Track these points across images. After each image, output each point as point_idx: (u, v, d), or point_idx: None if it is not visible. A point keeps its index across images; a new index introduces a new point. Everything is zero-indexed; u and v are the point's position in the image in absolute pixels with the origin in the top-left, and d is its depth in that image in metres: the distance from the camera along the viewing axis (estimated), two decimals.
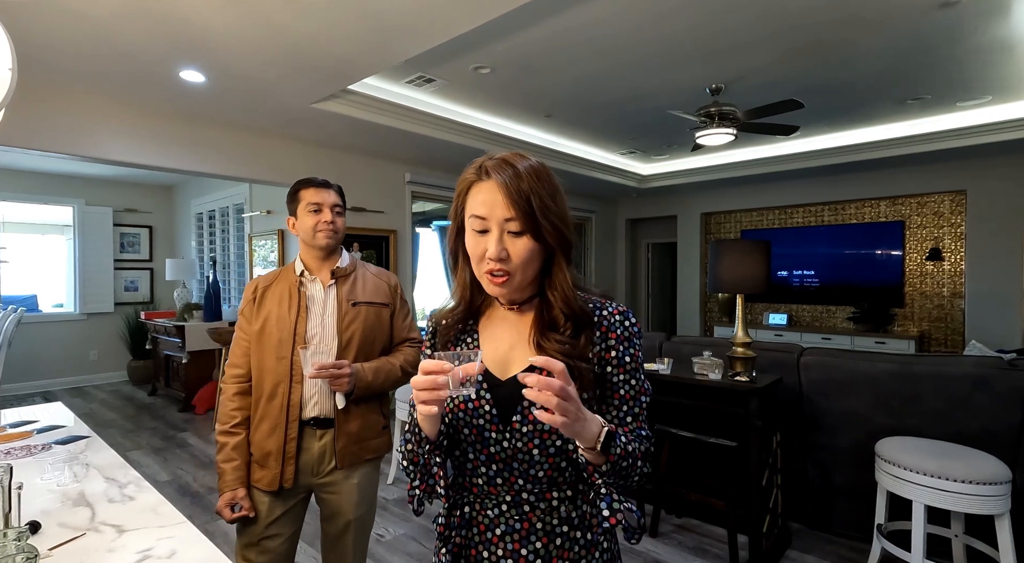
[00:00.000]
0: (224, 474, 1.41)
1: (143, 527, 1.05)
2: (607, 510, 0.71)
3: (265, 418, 1.44)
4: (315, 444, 1.44)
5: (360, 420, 1.48)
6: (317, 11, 2.35)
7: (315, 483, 1.47)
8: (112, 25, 2.46)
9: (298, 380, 1.43)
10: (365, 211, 4.87)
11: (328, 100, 3.55)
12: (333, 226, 1.50)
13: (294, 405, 1.42)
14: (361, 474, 1.50)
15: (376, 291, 1.57)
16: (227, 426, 1.45)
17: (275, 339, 1.44)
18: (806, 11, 2.70)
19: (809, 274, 6.59)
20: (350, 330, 1.48)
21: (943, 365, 2.38)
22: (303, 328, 1.45)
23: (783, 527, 2.51)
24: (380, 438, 1.55)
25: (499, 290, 0.77)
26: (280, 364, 1.43)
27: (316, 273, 1.52)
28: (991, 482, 1.80)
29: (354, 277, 1.56)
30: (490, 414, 0.78)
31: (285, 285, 1.50)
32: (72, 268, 6.26)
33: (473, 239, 0.76)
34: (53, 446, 1.51)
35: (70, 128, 3.30)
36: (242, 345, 1.49)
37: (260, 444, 1.43)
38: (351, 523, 1.49)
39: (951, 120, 4.58)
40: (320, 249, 1.50)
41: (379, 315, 1.56)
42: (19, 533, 0.68)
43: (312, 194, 1.50)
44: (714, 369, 2.43)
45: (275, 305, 1.47)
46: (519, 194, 0.73)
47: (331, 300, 1.50)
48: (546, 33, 2.91)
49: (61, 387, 6.02)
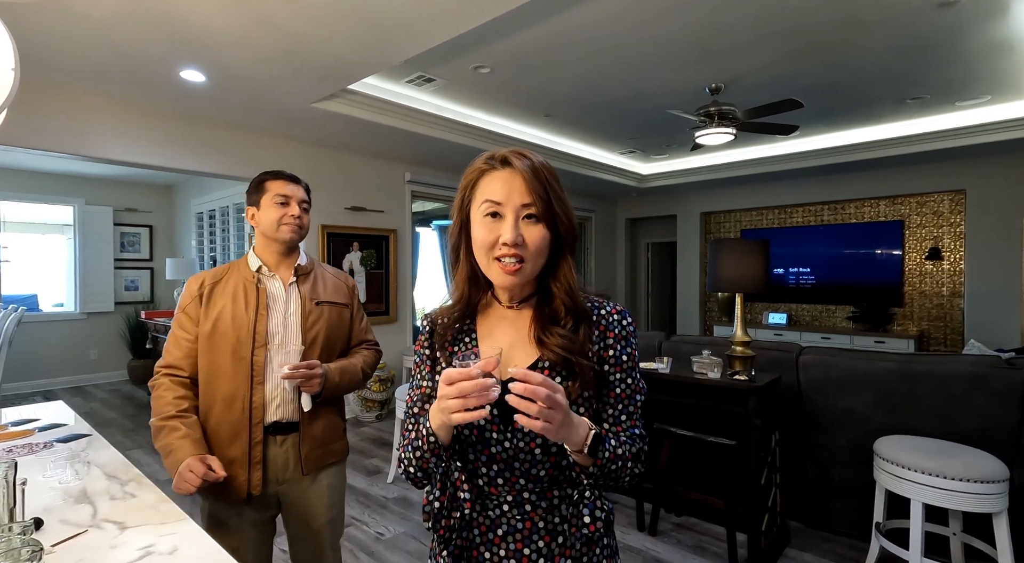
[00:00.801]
0: (179, 449, 1.24)
1: (144, 524, 1.06)
2: (588, 517, 0.75)
3: (222, 424, 1.33)
4: (276, 450, 1.37)
5: (324, 423, 1.43)
6: (317, 11, 2.35)
7: (281, 490, 1.40)
8: (113, 25, 2.46)
9: (259, 381, 1.34)
10: (365, 210, 4.88)
11: (328, 100, 3.56)
12: (299, 221, 1.44)
13: (256, 408, 1.33)
14: (329, 476, 1.45)
15: (336, 291, 1.53)
16: (172, 411, 1.30)
17: (231, 339, 1.34)
18: (805, 11, 2.71)
19: (808, 273, 6.59)
20: (314, 329, 1.42)
21: (941, 364, 2.39)
22: (263, 327, 1.36)
23: (782, 525, 2.52)
24: (342, 441, 1.51)
25: (510, 279, 0.76)
26: (239, 365, 1.33)
27: (275, 270, 1.44)
28: (989, 480, 1.81)
29: (314, 276, 1.51)
30: (491, 414, 0.77)
31: (238, 281, 1.40)
32: (72, 267, 6.27)
33: (484, 226, 0.76)
34: (55, 444, 1.52)
35: (71, 128, 3.31)
36: (184, 346, 1.36)
37: (221, 453, 1.31)
38: (323, 527, 1.43)
39: (950, 120, 4.58)
40: (283, 243, 1.43)
41: (341, 315, 1.51)
42: (24, 527, 0.69)
43: (280, 186, 1.44)
44: (713, 368, 2.44)
45: (228, 303, 1.37)
46: (538, 181, 0.75)
47: (294, 298, 1.43)
48: (546, 33, 2.91)
49: (61, 386, 6.03)
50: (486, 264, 0.77)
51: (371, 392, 4.63)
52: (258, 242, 1.46)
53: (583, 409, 0.77)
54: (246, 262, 1.45)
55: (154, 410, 1.34)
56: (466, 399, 0.65)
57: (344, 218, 4.74)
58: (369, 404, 4.66)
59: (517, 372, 0.65)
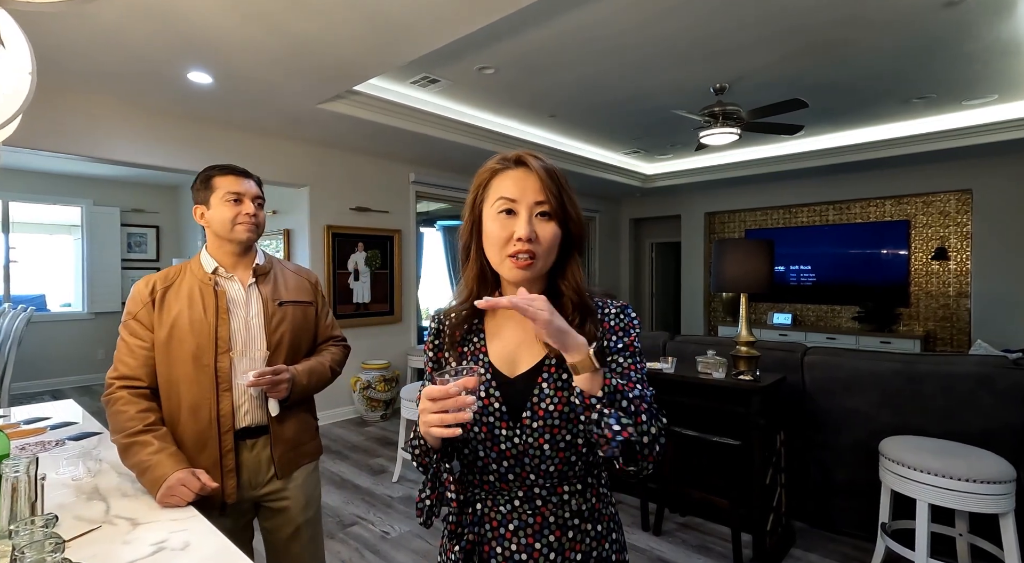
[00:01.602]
0: (157, 465, 1.16)
1: (156, 520, 1.07)
2: (617, 424, 0.68)
3: (189, 434, 1.27)
4: (248, 455, 1.33)
5: (295, 425, 1.39)
6: (322, 12, 2.37)
7: (256, 495, 1.36)
8: (121, 27, 2.49)
9: (225, 388, 1.29)
10: (370, 211, 4.90)
11: (333, 101, 3.58)
12: (255, 219, 1.36)
13: (224, 415, 1.28)
14: (303, 474, 1.42)
15: (299, 289, 1.47)
16: (139, 426, 1.22)
17: (191, 345, 1.27)
18: (810, 10, 2.71)
19: (813, 273, 6.57)
20: (279, 332, 1.37)
21: (947, 364, 2.38)
22: (225, 331, 1.30)
23: (787, 526, 2.52)
24: (315, 441, 1.48)
25: (522, 274, 0.77)
26: (202, 372, 1.28)
27: (232, 270, 1.37)
28: (995, 481, 1.80)
29: (274, 275, 1.44)
30: (500, 411, 0.79)
31: (193, 284, 1.33)
32: (80, 268, 6.32)
33: (498, 223, 0.78)
34: (67, 442, 1.54)
35: (80, 129, 3.34)
36: (140, 355, 1.28)
37: (190, 464, 1.24)
38: (301, 527, 1.40)
39: (957, 119, 4.56)
40: (239, 244, 1.36)
41: (305, 314, 1.46)
42: (47, 520, 0.70)
43: (231, 182, 1.35)
44: (718, 368, 2.44)
45: (184, 307, 1.30)
46: (552, 180, 0.78)
47: (255, 300, 1.37)
48: (550, 33, 2.92)
49: (69, 385, 6.08)
50: (498, 261, 0.79)
51: (376, 392, 4.64)
52: (210, 242, 1.38)
53: None
54: (199, 263, 1.37)
55: (115, 427, 1.24)
56: (444, 415, 0.67)
57: (349, 218, 4.76)
58: (374, 404, 4.68)
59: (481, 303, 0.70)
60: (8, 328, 4.10)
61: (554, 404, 0.77)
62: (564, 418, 0.77)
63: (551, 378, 0.78)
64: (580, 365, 0.69)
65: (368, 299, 4.91)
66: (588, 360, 0.69)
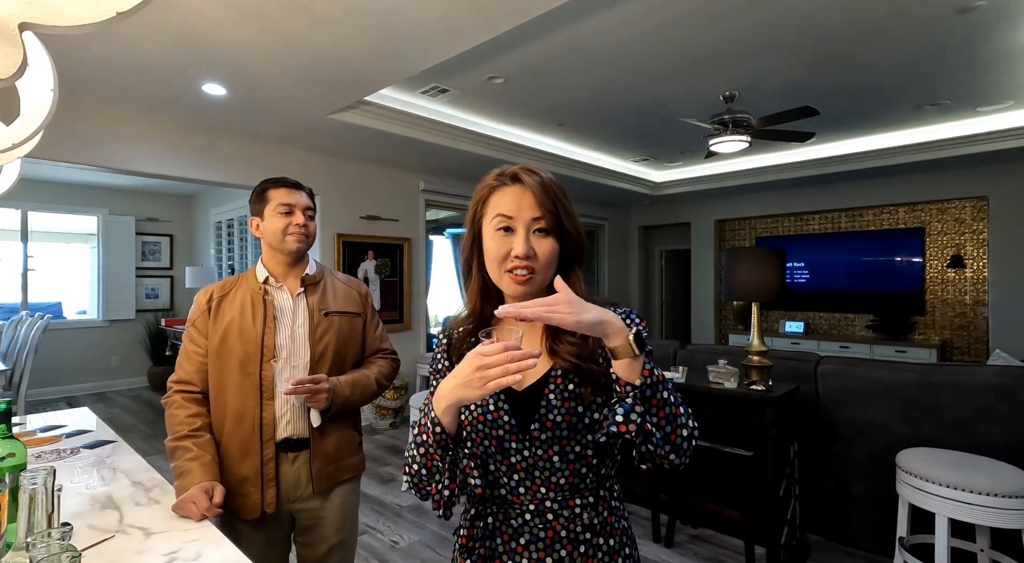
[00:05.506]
0: (189, 472, 1.19)
1: (169, 530, 1.08)
2: (620, 416, 0.68)
3: (233, 440, 1.30)
4: (288, 469, 1.33)
5: (336, 438, 1.38)
6: (334, 24, 2.41)
7: (293, 508, 1.36)
8: (138, 41, 2.54)
9: (269, 397, 1.31)
10: (380, 219, 4.93)
11: (344, 111, 3.62)
12: (305, 230, 1.39)
13: (267, 424, 1.30)
14: (342, 494, 1.41)
15: (348, 300, 1.47)
16: (185, 430, 1.27)
17: (239, 353, 1.31)
18: (820, 17, 2.70)
19: (826, 281, 6.50)
20: (323, 342, 1.38)
21: (964, 374, 2.34)
22: (271, 340, 1.33)
23: (801, 538, 2.47)
24: (356, 456, 1.46)
25: (521, 289, 0.78)
26: (247, 380, 1.30)
27: (282, 280, 1.40)
28: (1016, 495, 1.76)
29: (324, 285, 1.45)
30: (509, 424, 0.79)
31: (246, 293, 1.37)
32: (95, 276, 6.42)
33: (496, 240, 0.78)
34: (81, 450, 1.56)
35: (98, 141, 3.41)
36: (196, 360, 1.33)
37: (232, 470, 1.28)
38: (334, 548, 1.39)
39: (971, 125, 4.51)
40: (289, 254, 1.39)
41: (352, 325, 1.46)
42: (63, 532, 0.71)
43: (283, 194, 1.40)
44: (729, 378, 2.42)
45: (236, 315, 1.33)
46: (548, 196, 0.78)
47: (302, 310, 1.39)
48: (559, 43, 2.94)
49: (84, 392, 6.16)
50: (498, 276, 0.80)
51: (385, 400, 4.65)
52: (264, 253, 1.43)
53: (597, 414, 0.78)
54: (254, 273, 1.41)
55: (168, 428, 1.31)
56: (508, 366, 0.65)
57: (359, 227, 4.80)
58: (383, 412, 4.68)
59: (502, 312, 0.67)
60: (25, 336, 4.17)
61: (561, 415, 0.77)
62: (572, 429, 0.77)
63: (558, 389, 0.78)
64: (619, 350, 0.68)
65: (378, 307, 4.93)
66: (628, 346, 0.67)
